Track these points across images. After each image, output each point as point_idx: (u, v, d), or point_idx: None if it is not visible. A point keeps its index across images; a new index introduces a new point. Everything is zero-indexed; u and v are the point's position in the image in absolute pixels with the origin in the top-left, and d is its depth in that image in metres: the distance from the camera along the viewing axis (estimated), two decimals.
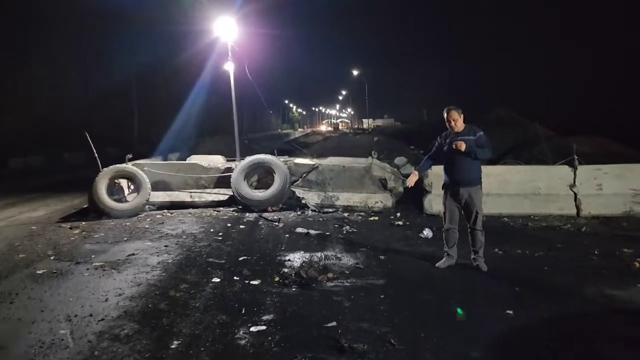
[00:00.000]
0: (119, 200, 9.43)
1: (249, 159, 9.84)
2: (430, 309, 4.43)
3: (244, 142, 15.43)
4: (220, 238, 7.21)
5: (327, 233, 7.52)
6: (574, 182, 8.78)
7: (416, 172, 6.00)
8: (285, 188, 9.46)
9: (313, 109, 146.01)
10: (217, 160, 11.06)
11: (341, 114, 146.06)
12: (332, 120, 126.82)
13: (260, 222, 8.39)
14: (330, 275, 5.31)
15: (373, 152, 12.02)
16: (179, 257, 6.19)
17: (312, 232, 7.54)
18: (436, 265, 5.74)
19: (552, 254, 6.19)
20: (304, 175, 9.91)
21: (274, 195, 9.37)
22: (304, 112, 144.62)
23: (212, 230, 7.76)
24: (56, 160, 23.04)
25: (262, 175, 10.05)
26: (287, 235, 7.36)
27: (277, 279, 5.21)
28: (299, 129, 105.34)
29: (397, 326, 4.02)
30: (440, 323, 4.09)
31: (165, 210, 9.51)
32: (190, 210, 9.54)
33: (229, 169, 9.90)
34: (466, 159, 5.52)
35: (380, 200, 9.40)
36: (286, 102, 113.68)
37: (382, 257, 6.16)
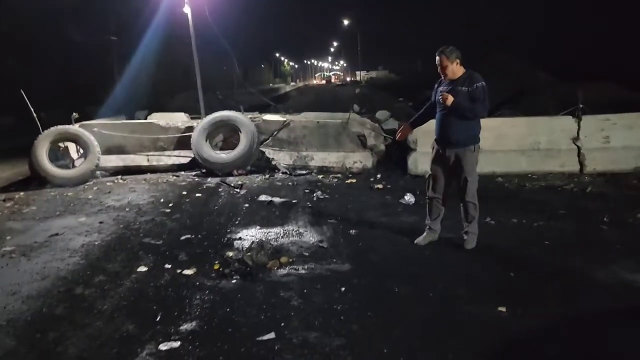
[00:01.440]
0: (64, 167, 8.35)
1: (211, 117, 8.70)
2: (400, 308, 3.46)
3: (217, 97, 14.24)
4: (168, 211, 6.20)
5: (294, 201, 6.51)
6: (578, 134, 7.75)
7: (408, 126, 4.98)
8: (253, 148, 8.38)
9: (305, 62, 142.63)
10: (179, 119, 9.92)
11: (334, 67, 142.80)
12: (325, 74, 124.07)
13: (220, 189, 7.35)
14: (283, 259, 4.33)
15: (354, 105, 10.88)
16: (110, 237, 5.18)
17: (276, 200, 6.53)
18: (415, 241, 4.77)
19: (554, 224, 5.21)
20: (275, 133, 8.80)
21: (240, 156, 8.30)
22: (296, 66, 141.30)
23: (162, 200, 6.73)
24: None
25: (228, 135, 8.94)
26: (246, 205, 6.34)
27: (216, 266, 4.23)
28: (292, 83, 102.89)
29: (355, 337, 3.06)
30: (411, 331, 3.13)
31: (119, 177, 8.44)
32: (147, 175, 8.48)
33: (190, 129, 8.78)
34: (450, 115, 4.46)
35: (359, 160, 8.35)
36: (277, 55, 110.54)
37: (352, 231, 5.17)
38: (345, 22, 78.25)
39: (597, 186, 6.83)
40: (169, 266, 4.27)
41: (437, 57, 4.47)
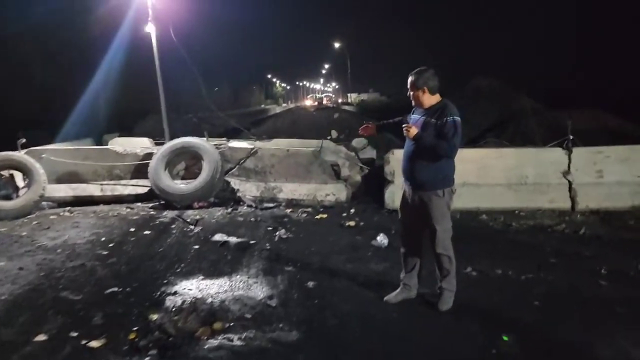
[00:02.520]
0: (7, 197, 7.54)
1: (171, 143, 7.98)
2: None
3: (192, 120, 13.53)
4: (106, 253, 5.41)
5: (252, 242, 5.76)
6: (569, 168, 7.10)
7: (374, 125, 4.31)
8: (216, 178, 7.64)
9: (297, 83, 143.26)
10: (140, 144, 9.19)
11: (326, 88, 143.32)
12: (317, 95, 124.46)
13: (174, 225, 6.58)
14: (217, 325, 3.56)
15: (332, 131, 10.23)
16: (23, 289, 4.38)
17: (232, 240, 5.77)
18: (385, 298, 4.04)
19: (544, 277, 4.50)
20: (241, 162, 8.08)
21: (201, 187, 7.54)
22: (288, 87, 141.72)
23: (103, 239, 5.94)
24: None
25: (190, 163, 8.20)
26: (196, 247, 5.58)
27: (132, 335, 3.45)
28: (283, 104, 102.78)
29: None
30: None
31: (68, 208, 7.65)
32: (99, 207, 7.69)
33: (150, 156, 8.03)
34: (416, 150, 3.78)
35: (332, 192, 7.63)
36: (269, 76, 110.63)
37: (310, 283, 4.42)
38: (336, 44, 78.58)
39: (591, 227, 6.15)
40: (76, 334, 3.48)
41: (409, 81, 3.83)
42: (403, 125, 3.75)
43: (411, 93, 3.81)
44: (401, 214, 4.03)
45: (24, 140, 7.95)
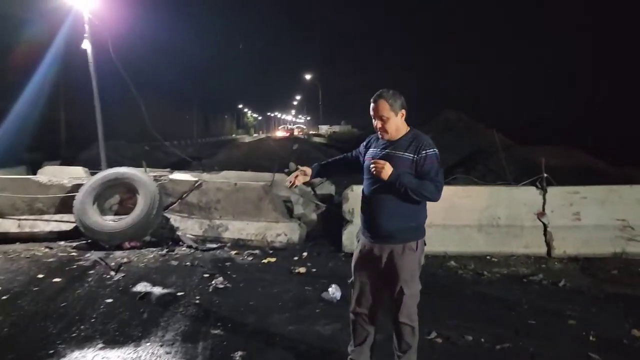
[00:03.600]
0: None
1: (102, 174, 7.04)
2: None
3: (144, 148, 12.56)
4: None
5: (180, 293, 4.84)
6: (544, 209, 6.46)
7: (304, 171, 3.29)
8: (152, 214, 6.69)
9: (269, 114, 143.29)
10: (74, 173, 8.21)
11: (297, 120, 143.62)
12: (288, 126, 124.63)
13: (93, 271, 5.59)
14: None
15: (290, 164, 9.43)
16: None
17: (156, 291, 4.85)
18: None
19: (524, 345, 3.72)
20: (184, 195, 7.18)
21: (134, 224, 6.59)
22: (260, 118, 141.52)
23: None
24: None
25: (125, 197, 7.24)
26: (109, 301, 4.61)
27: None
28: (254, 135, 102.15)
29: None
30: None
31: None
32: (13, 246, 6.62)
33: (78, 187, 7.05)
34: (383, 192, 3.00)
35: (284, 232, 6.77)
36: (240, 106, 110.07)
37: (238, 355, 3.52)
38: (308, 76, 79.01)
39: (571, 277, 5.46)
40: None
41: (373, 104, 3.04)
42: (371, 162, 2.95)
43: (386, 118, 3.00)
44: (355, 271, 3.20)
45: None
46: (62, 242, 6.85)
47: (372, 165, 2.91)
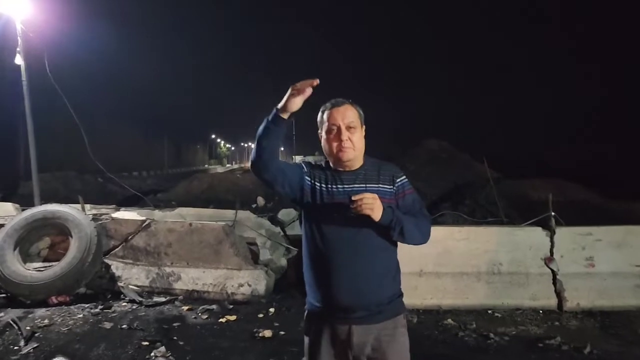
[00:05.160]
0: None
1: (27, 214, 5.86)
2: None
3: (97, 180, 11.34)
4: None
5: None
6: (552, 253, 5.54)
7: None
8: (87, 261, 5.52)
9: (242, 144, 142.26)
10: (3, 211, 6.99)
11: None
12: None
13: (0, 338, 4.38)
14: None
15: (258, 198, 8.41)
16: None
17: None
18: None
19: None
20: (129, 238, 6.03)
21: (62, 274, 5.40)
22: (233, 148, 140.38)
23: None
24: None
25: (57, 240, 6.06)
26: None
27: None
28: (227, 165, 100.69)
29: None
30: None
31: None
32: None
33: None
34: (372, 242, 2.10)
35: (247, 281, 5.66)
36: (213, 136, 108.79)
37: None
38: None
39: (594, 339, 4.50)
40: None
41: (333, 108, 2.16)
42: (353, 201, 1.98)
43: (350, 128, 2.13)
44: None
45: None
46: None
47: (357, 202, 1.97)
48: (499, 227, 5.99)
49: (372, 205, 1.97)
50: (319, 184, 2.14)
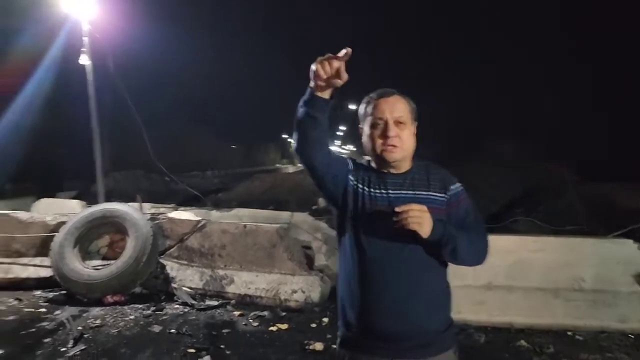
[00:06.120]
0: None
1: (87, 212, 5.93)
2: None
3: (163, 179, 11.62)
4: None
5: None
6: None
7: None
8: (142, 261, 5.48)
9: None
10: (69, 208, 7.18)
11: (343, 150, 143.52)
12: None
13: (49, 339, 4.36)
14: None
15: (319, 200, 8.16)
16: None
17: None
18: None
19: None
20: (184, 238, 5.96)
21: (118, 273, 5.38)
22: None
23: None
24: None
25: (116, 238, 6.10)
26: None
27: None
28: (298, 165, 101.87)
29: None
30: None
31: None
32: None
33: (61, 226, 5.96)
34: (423, 260, 1.76)
35: (301, 287, 5.40)
36: (284, 136, 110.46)
37: None
38: (352, 107, 78.52)
39: None
40: None
41: (381, 99, 1.83)
42: (397, 212, 1.65)
43: (400, 123, 1.80)
44: None
45: None
46: (38, 292, 5.72)
47: (403, 215, 1.64)
48: (581, 238, 5.33)
49: (421, 219, 1.62)
50: (361, 187, 1.81)
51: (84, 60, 6.71)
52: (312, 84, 1.66)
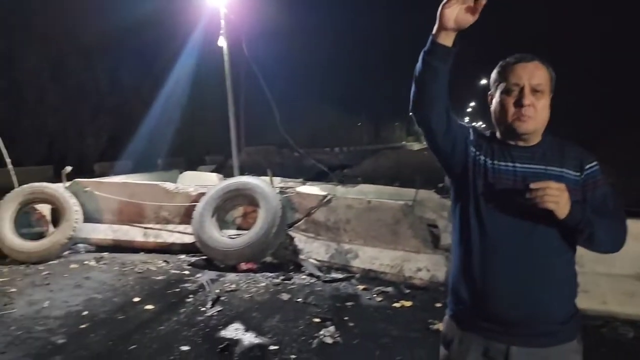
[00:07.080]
0: (40, 236, 6.48)
1: (223, 184, 6.34)
2: None
3: (293, 154, 12.07)
4: (50, 348, 3.76)
5: (274, 347, 3.71)
6: None
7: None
8: (271, 232, 5.76)
9: None
10: (208, 180, 7.77)
11: (472, 125, 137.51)
12: None
13: (191, 299, 4.79)
14: None
15: (446, 177, 7.79)
16: None
17: (245, 341, 3.79)
18: None
19: None
20: (311, 212, 6.11)
21: (251, 243, 5.72)
22: None
23: (85, 313, 4.37)
24: None
25: (249, 209, 6.46)
26: (184, 349, 3.67)
27: None
28: (424, 142, 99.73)
29: None
30: None
31: (102, 254, 6.36)
32: (134, 256, 6.28)
33: (202, 196, 6.47)
34: (554, 243, 1.57)
35: (426, 266, 5.26)
36: (410, 114, 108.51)
37: None
38: (483, 82, 74.34)
39: None
40: None
41: (520, 64, 1.63)
42: (533, 186, 1.48)
43: (537, 92, 1.59)
44: None
45: (69, 170, 6.90)
46: (182, 256, 6.32)
47: (538, 192, 1.46)
48: None
49: (558, 199, 1.43)
50: (484, 158, 1.65)
51: (221, 42, 7.13)
52: (434, 29, 1.52)
